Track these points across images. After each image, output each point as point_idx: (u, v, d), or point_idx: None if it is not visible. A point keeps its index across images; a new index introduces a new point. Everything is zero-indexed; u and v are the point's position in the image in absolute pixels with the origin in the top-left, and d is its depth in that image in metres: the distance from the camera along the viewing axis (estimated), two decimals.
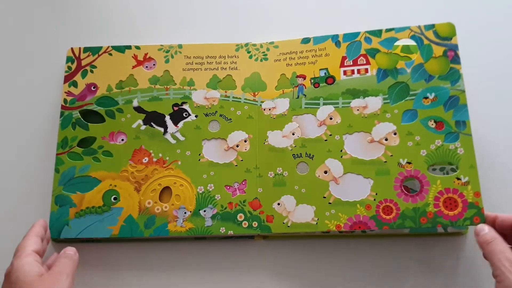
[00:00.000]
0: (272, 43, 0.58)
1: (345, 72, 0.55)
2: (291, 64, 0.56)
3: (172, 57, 0.58)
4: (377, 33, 0.55)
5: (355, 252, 0.52)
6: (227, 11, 0.64)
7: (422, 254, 0.52)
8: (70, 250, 0.48)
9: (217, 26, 0.63)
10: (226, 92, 0.57)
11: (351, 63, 0.55)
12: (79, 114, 0.56)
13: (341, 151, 0.52)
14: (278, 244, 0.53)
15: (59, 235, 0.52)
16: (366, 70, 0.54)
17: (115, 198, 0.53)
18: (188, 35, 0.62)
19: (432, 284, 0.51)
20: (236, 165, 0.54)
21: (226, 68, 0.58)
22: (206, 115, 0.56)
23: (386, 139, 0.52)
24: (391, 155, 0.51)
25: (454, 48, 0.53)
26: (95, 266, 0.52)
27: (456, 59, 0.52)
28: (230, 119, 0.56)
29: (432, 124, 0.51)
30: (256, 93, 0.56)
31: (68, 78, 0.57)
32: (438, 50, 0.53)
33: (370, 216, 0.49)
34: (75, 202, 0.53)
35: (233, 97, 0.56)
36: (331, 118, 0.54)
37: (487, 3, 0.62)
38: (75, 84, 0.57)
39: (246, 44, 0.58)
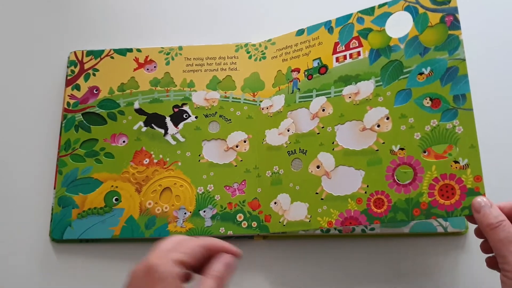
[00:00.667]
0: (269, 40, 0.58)
1: (337, 59, 0.52)
2: (287, 59, 0.56)
3: (173, 59, 0.59)
4: (370, 11, 0.51)
5: (355, 252, 0.52)
6: (227, 12, 0.64)
7: (422, 254, 0.51)
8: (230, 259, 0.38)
9: (218, 27, 0.63)
10: (225, 93, 0.57)
11: (344, 48, 0.52)
12: (81, 116, 0.57)
13: (333, 143, 0.50)
14: (277, 244, 0.53)
15: (62, 236, 0.52)
16: (358, 53, 0.51)
17: (116, 199, 0.54)
18: (189, 36, 0.62)
19: (432, 284, 0.50)
20: (236, 166, 0.54)
21: (226, 69, 0.58)
22: (206, 116, 0.56)
23: (378, 126, 0.48)
24: (383, 142, 0.47)
25: (453, 11, 0.46)
26: (96, 266, 0.53)
27: (455, 24, 0.46)
28: (230, 119, 0.56)
29: (428, 103, 0.46)
30: (255, 93, 0.56)
31: (71, 82, 0.58)
32: (434, 18, 0.47)
33: (361, 211, 0.47)
34: (78, 203, 0.53)
35: (233, 98, 0.57)
36: (323, 110, 0.51)
37: None
38: (78, 88, 0.58)
39: (246, 44, 0.58)
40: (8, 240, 0.54)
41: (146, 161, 0.55)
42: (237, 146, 0.55)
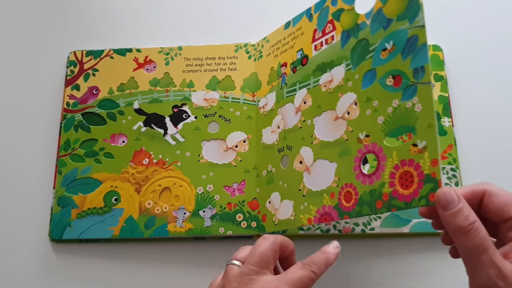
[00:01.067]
0: (264, 38, 0.58)
1: (315, 47, 0.49)
2: (277, 54, 0.55)
3: (172, 59, 0.59)
4: None
5: (355, 252, 0.52)
6: (226, 12, 0.64)
7: (422, 254, 0.51)
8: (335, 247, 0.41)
9: (217, 27, 0.63)
10: (225, 93, 0.57)
11: (321, 35, 0.49)
12: (81, 116, 0.57)
13: (312, 136, 0.47)
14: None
15: (61, 236, 0.52)
16: (332, 38, 0.47)
17: (116, 199, 0.54)
18: (188, 36, 0.62)
19: (432, 284, 0.50)
20: (235, 166, 0.54)
21: (225, 69, 0.58)
22: (206, 116, 0.56)
23: (348, 113, 0.44)
24: (352, 131, 0.43)
25: None
26: (96, 266, 0.53)
27: None
28: (229, 119, 0.56)
29: (390, 81, 0.40)
30: (254, 93, 0.56)
31: (71, 82, 0.58)
32: None
33: (333, 206, 0.43)
34: (77, 203, 0.53)
35: (232, 98, 0.57)
36: (304, 103, 0.49)
37: None
38: (77, 88, 0.58)
39: (245, 45, 0.59)
40: (7, 240, 0.54)
41: (145, 161, 0.55)
42: (236, 146, 0.55)
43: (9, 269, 0.53)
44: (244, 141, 0.55)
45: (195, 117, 0.56)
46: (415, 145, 0.37)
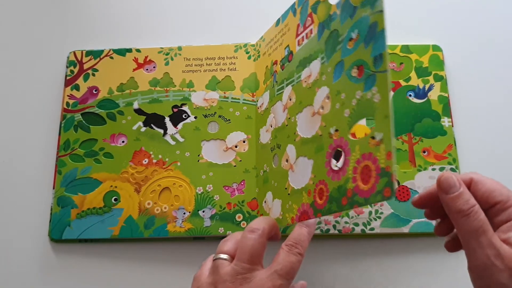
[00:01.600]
0: (261, 37, 0.58)
1: (298, 42, 0.48)
2: (270, 53, 0.55)
3: (172, 59, 0.59)
4: None
5: (355, 252, 0.52)
6: (226, 12, 0.64)
7: (422, 254, 0.51)
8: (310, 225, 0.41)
9: (217, 27, 0.63)
10: (225, 93, 0.57)
11: (303, 29, 0.48)
12: (81, 116, 0.57)
13: (295, 133, 0.46)
14: (276, 244, 0.53)
15: (61, 236, 0.52)
16: (311, 31, 0.46)
17: (115, 199, 0.53)
18: (188, 36, 0.62)
19: (432, 284, 0.50)
20: (235, 166, 0.54)
21: (225, 69, 0.58)
22: (205, 116, 0.56)
23: (322, 107, 0.42)
24: (325, 126, 0.42)
25: None
26: (95, 266, 0.53)
27: None
28: (229, 120, 0.56)
29: (355, 72, 0.38)
30: (254, 93, 0.56)
31: (71, 82, 0.58)
32: None
33: (310, 204, 0.42)
34: (77, 203, 0.53)
35: (232, 98, 0.57)
36: (290, 99, 0.48)
37: None
38: (77, 88, 0.58)
39: (245, 45, 0.59)
40: (7, 240, 0.54)
41: (145, 161, 0.55)
42: (236, 146, 0.55)
43: (9, 269, 0.53)
44: (244, 141, 0.55)
45: (195, 117, 0.56)
46: (373, 137, 0.35)
